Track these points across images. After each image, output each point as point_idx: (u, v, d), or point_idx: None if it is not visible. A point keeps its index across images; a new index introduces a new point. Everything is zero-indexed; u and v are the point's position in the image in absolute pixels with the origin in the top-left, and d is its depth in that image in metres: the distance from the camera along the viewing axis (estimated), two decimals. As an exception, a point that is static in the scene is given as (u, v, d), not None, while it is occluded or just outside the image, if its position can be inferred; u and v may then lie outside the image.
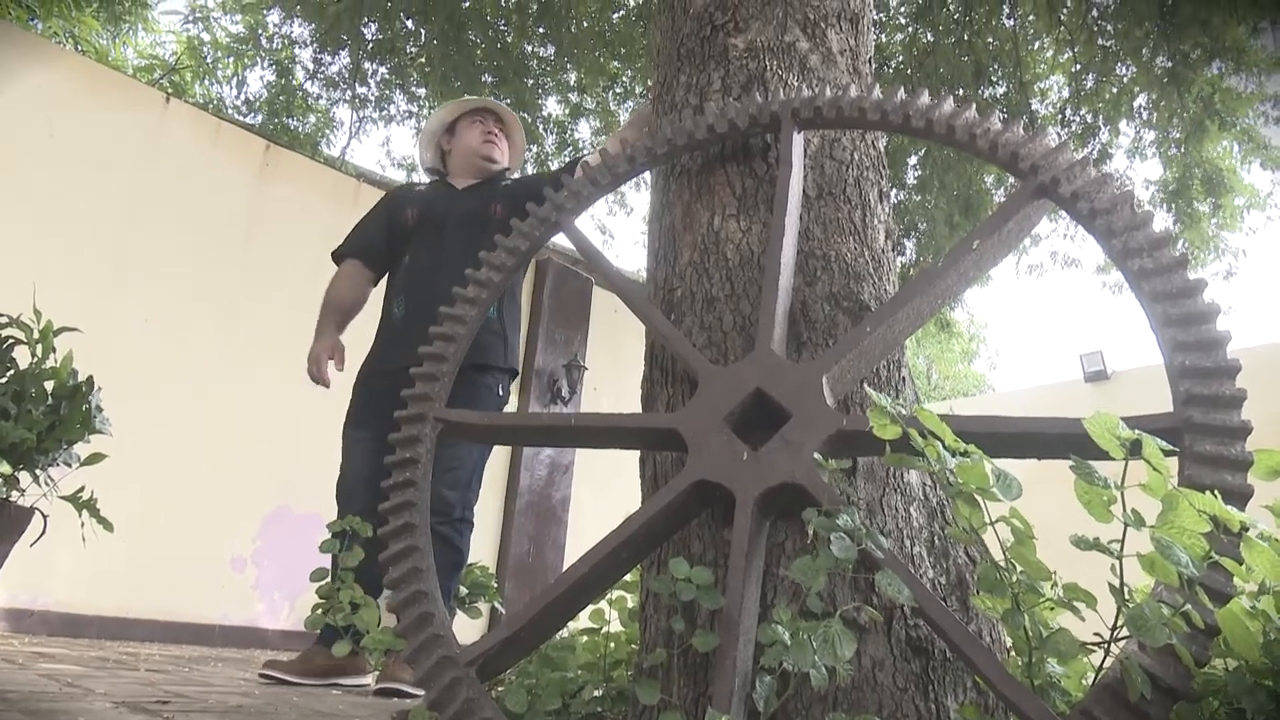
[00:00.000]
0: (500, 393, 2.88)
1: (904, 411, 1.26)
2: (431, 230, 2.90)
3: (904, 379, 1.84)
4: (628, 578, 1.86)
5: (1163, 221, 6.68)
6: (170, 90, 6.75)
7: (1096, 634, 1.19)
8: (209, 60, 7.60)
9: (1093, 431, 1.05)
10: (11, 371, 2.31)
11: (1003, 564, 1.20)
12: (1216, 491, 1.03)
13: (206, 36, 7.72)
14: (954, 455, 1.20)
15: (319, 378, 2.85)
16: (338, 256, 3.10)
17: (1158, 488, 1.01)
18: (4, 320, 2.35)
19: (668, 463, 1.80)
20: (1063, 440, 1.24)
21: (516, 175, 3.26)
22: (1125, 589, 1.08)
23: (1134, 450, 1.03)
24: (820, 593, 1.30)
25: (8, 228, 4.72)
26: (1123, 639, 1.15)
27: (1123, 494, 1.01)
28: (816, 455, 1.42)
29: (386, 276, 3.06)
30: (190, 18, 7.88)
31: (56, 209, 4.93)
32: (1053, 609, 1.24)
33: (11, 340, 2.34)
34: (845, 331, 1.73)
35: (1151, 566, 1.01)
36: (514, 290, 2.96)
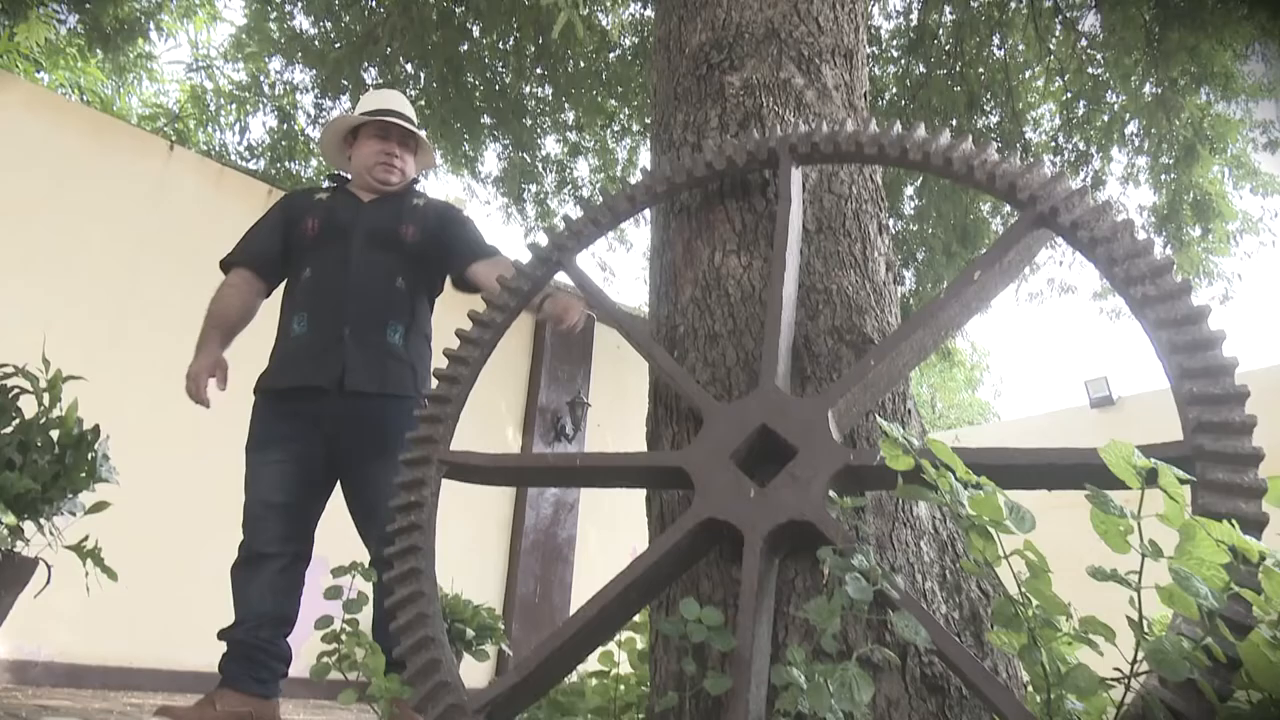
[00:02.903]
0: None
1: (916, 443, 1.25)
2: (336, 244, 2.65)
3: (909, 411, 1.83)
4: (636, 618, 1.84)
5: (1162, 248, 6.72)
6: (174, 138, 6.83)
7: (1116, 669, 1.17)
8: (212, 108, 7.69)
9: (1109, 461, 1.04)
10: (17, 421, 2.31)
11: (1018, 598, 1.18)
12: (1234, 521, 1.02)
13: (209, 84, 7.82)
14: (966, 487, 1.19)
15: (198, 397, 2.56)
16: (226, 265, 2.78)
17: (1175, 518, 0.99)
18: (10, 370, 2.35)
19: (674, 501, 1.78)
20: (1076, 470, 1.23)
21: (425, 192, 2.93)
22: (1144, 621, 1.07)
23: (1150, 479, 1.02)
24: (834, 632, 1.29)
25: (15, 278, 4.74)
26: (1143, 673, 1.13)
27: (1139, 524, 1.00)
28: (831, 493, 1.40)
29: (283, 289, 2.80)
30: (193, 66, 7.99)
31: (63, 258, 4.96)
32: (1070, 643, 1.22)
33: (17, 390, 2.34)
34: (849, 365, 1.73)
35: (1171, 599, 0.99)
36: (423, 319, 2.72)
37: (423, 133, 2.88)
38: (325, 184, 2.99)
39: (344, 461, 2.50)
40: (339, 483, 2.57)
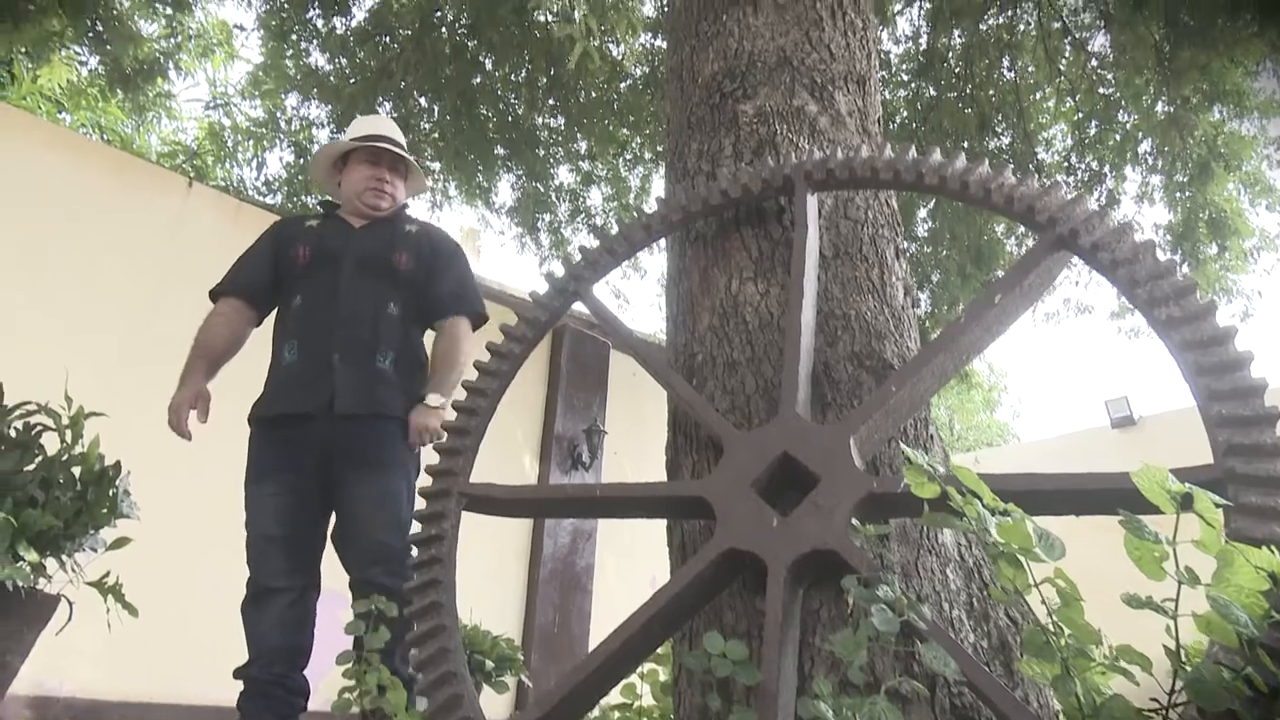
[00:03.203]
0: (406, 438, 2.54)
1: (941, 469, 1.23)
2: (326, 271, 2.61)
3: (931, 436, 1.82)
4: (660, 650, 1.82)
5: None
6: (192, 174, 6.93)
7: (1153, 699, 1.14)
8: (229, 144, 7.81)
9: (1142, 486, 1.02)
10: (40, 458, 2.32)
11: (1049, 627, 1.16)
12: (1275, 548, 1.00)
13: (227, 121, 7.95)
14: (994, 514, 1.17)
15: (179, 429, 2.52)
16: (215, 294, 2.75)
17: (1211, 544, 0.97)
18: (33, 408, 2.37)
19: (696, 531, 1.77)
20: (1106, 495, 1.22)
21: (417, 218, 2.88)
22: (1181, 650, 1.04)
23: (1185, 504, 1.00)
24: (861, 664, 1.26)
25: (37, 315, 4.80)
26: (1181, 704, 1.11)
27: (1175, 550, 0.98)
28: (854, 521, 1.39)
29: (274, 317, 2.75)
30: (212, 104, 8.13)
31: (84, 294, 5.01)
32: (1105, 673, 1.19)
33: (40, 427, 2.35)
34: (870, 391, 1.71)
35: (1209, 627, 0.97)
36: (417, 346, 2.68)
37: (412, 158, 2.85)
38: (316, 210, 2.95)
39: (334, 484, 2.45)
40: (333, 510, 2.51)
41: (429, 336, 2.75)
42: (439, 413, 2.45)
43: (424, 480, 1.83)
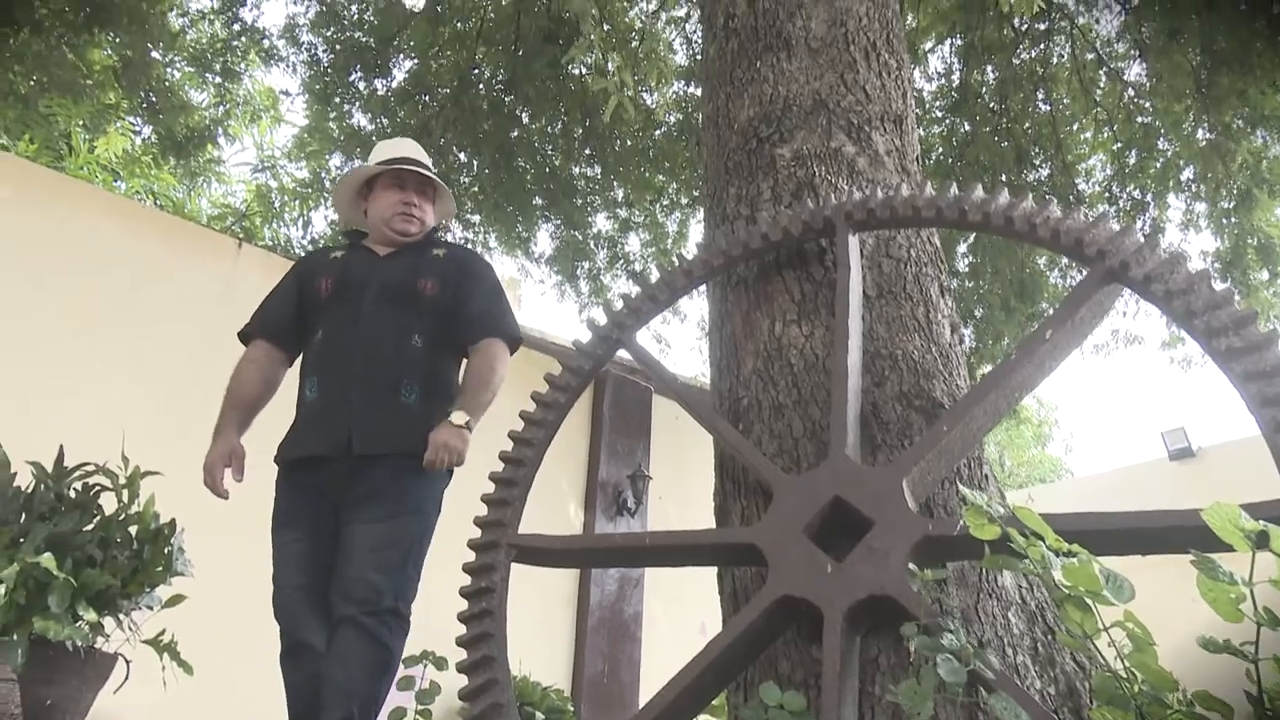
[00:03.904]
0: (436, 487, 2.39)
1: (1000, 510, 1.20)
2: (348, 302, 2.47)
3: (986, 476, 1.78)
4: (714, 702, 1.79)
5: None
6: (241, 235, 7.13)
7: (1237, 748, 1.09)
8: (276, 204, 8.04)
9: (1214, 524, 0.99)
10: (98, 518, 2.37)
11: (1121, 673, 1.12)
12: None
13: (274, 183, 8.19)
14: (1058, 555, 1.14)
15: (214, 489, 2.36)
16: (244, 337, 2.61)
17: (1289, 584, 0.94)
18: (91, 469, 2.43)
19: (747, 578, 1.74)
20: (1173, 533, 1.18)
21: (447, 241, 2.75)
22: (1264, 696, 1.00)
23: (1259, 542, 0.97)
24: (927, 716, 1.23)
25: (95, 378, 4.93)
26: (1268, 753, 1.05)
27: (1252, 591, 0.94)
28: (911, 566, 1.36)
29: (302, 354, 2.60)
30: (259, 167, 8.39)
31: (139, 356, 5.15)
32: (1183, 721, 1.14)
33: (98, 488, 2.41)
34: (920, 431, 1.69)
35: (1293, 672, 0.93)
36: (445, 378, 2.50)
37: (438, 179, 2.70)
38: (342, 241, 2.80)
39: (342, 524, 2.26)
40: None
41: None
42: (463, 432, 2.24)
43: (472, 532, 1.83)
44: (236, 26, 6.54)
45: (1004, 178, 6.57)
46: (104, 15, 5.47)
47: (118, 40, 5.89)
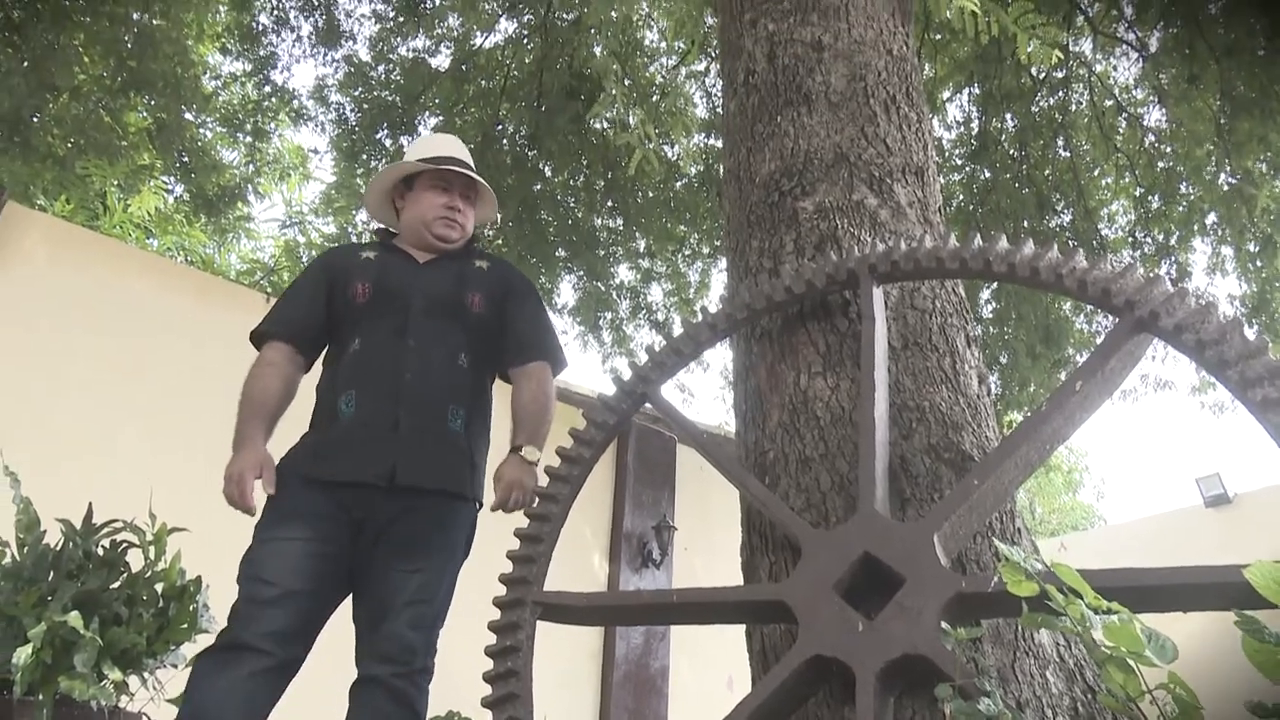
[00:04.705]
0: (471, 529, 2.21)
1: (1038, 566, 1.18)
2: (393, 312, 2.25)
3: (1019, 530, 1.74)
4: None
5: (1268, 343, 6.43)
6: (270, 290, 7.24)
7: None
8: (304, 259, 8.18)
9: (1257, 582, 0.96)
10: (125, 575, 2.38)
11: (1168, 739, 1.08)
12: None
13: (302, 238, 8.34)
14: (1097, 613, 1.11)
15: (242, 502, 2.08)
16: (261, 337, 2.33)
17: (1341, 647, 0.90)
18: (119, 525, 2.44)
19: (776, 635, 1.71)
20: (1215, 590, 1.15)
21: (488, 253, 2.55)
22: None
23: (1305, 604, 0.94)
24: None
25: (126, 434, 5.00)
26: (1327, 824, 1.01)
27: (1301, 656, 0.91)
28: (944, 625, 1.33)
29: (323, 361, 2.36)
30: (287, 223, 8.55)
31: (168, 412, 5.22)
32: (1234, 789, 1.10)
33: (126, 544, 2.42)
34: (950, 485, 1.66)
35: (1350, 740, 0.89)
36: (486, 403, 2.31)
37: (483, 181, 2.48)
38: (371, 240, 2.58)
39: (370, 556, 2.03)
40: (353, 581, 2.07)
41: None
42: (534, 470, 2.10)
43: (498, 589, 1.82)
44: (267, 88, 6.72)
45: (1025, 224, 6.56)
46: (140, 79, 5.65)
47: (153, 103, 6.07)
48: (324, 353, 2.35)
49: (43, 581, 2.26)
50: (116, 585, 2.34)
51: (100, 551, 2.39)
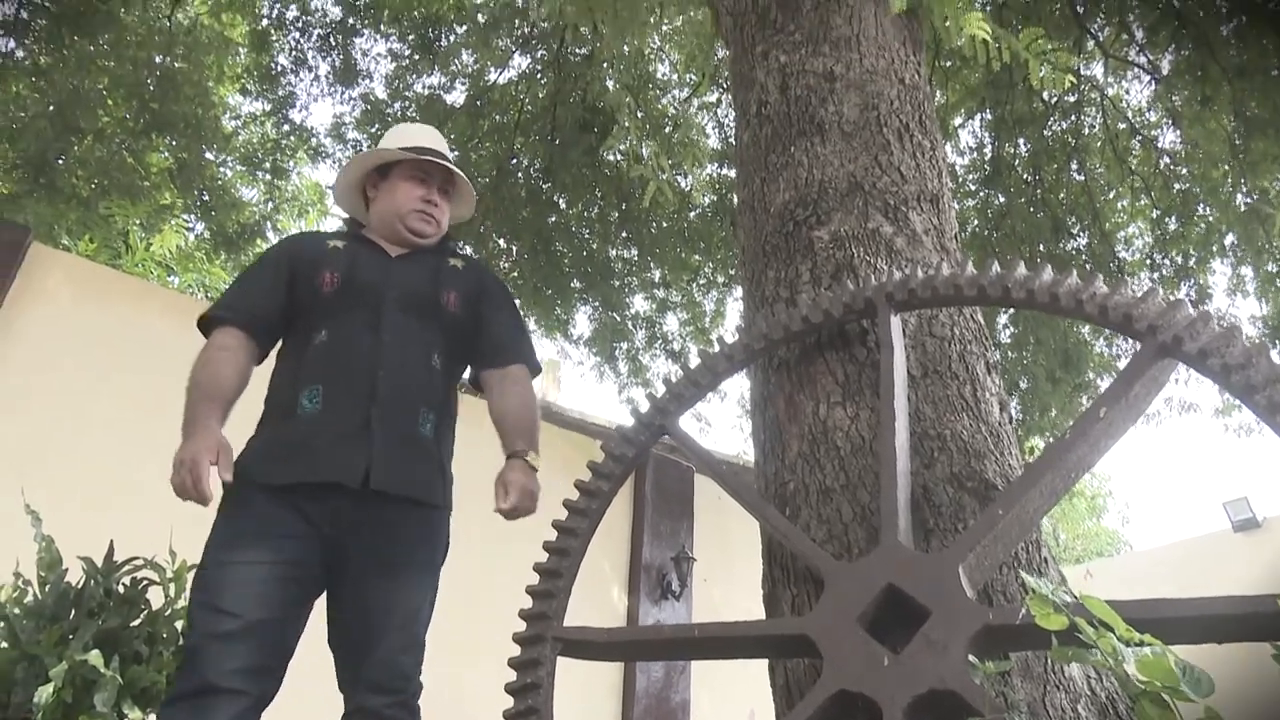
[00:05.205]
0: (447, 540, 2.10)
1: (1068, 598, 1.16)
2: (363, 305, 2.12)
3: (1046, 560, 1.72)
4: (770, 803, 1.71)
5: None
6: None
7: None
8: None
9: (1291, 616, 0.94)
10: (145, 613, 2.37)
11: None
12: None
13: (320, 273, 8.42)
14: (1129, 646, 1.08)
15: (197, 489, 1.93)
16: (211, 321, 2.16)
17: (1384, 681, 0.88)
18: (140, 563, 2.45)
19: (800, 669, 1.68)
20: (1252, 621, 1.12)
21: (461, 250, 2.42)
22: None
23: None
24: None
25: (147, 470, 5.01)
26: None
27: (1343, 690, 0.89)
28: (972, 658, 1.30)
29: (279, 352, 2.21)
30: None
31: (186, 446, 5.25)
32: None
33: (147, 582, 2.42)
34: (973, 514, 1.64)
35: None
36: (453, 408, 2.21)
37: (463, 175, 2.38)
38: (338, 230, 2.46)
39: (345, 574, 1.91)
40: (328, 602, 1.96)
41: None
42: (536, 476, 2.03)
43: (517, 625, 1.80)
44: (286, 127, 6.83)
45: (1041, 248, 6.54)
46: (162, 121, 5.76)
47: (174, 143, 6.18)
48: (279, 345, 2.21)
49: (64, 620, 2.27)
50: (137, 623, 2.34)
51: (121, 589, 2.39)
